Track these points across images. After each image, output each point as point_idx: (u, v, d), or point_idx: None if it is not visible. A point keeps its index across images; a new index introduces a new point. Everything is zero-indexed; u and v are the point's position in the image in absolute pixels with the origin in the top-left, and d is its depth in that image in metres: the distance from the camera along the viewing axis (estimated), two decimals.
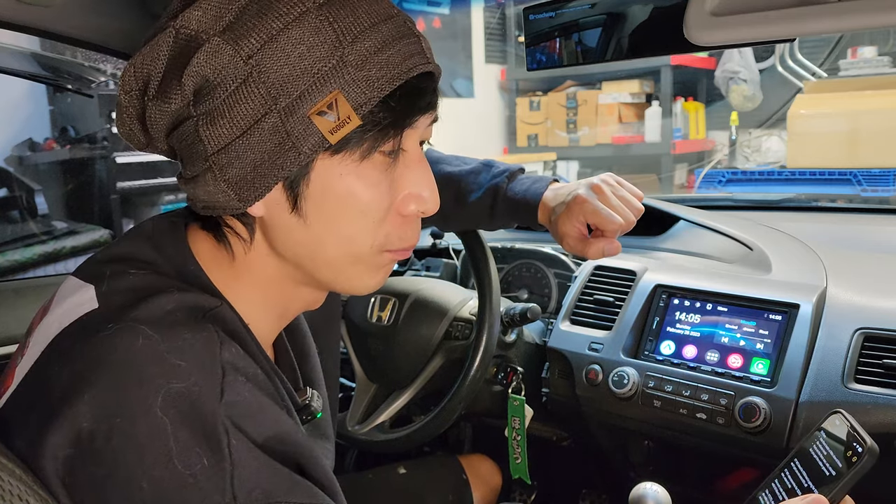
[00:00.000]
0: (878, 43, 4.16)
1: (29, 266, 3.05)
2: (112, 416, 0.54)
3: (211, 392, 0.56)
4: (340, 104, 0.60)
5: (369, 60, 0.61)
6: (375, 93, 0.61)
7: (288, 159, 0.61)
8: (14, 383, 0.62)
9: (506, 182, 1.07)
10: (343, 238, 0.65)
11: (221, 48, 0.60)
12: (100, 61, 3.00)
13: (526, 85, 5.81)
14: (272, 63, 0.59)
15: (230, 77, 0.60)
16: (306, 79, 0.60)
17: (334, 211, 0.64)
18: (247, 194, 0.63)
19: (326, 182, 0.63)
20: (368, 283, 0.70)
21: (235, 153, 0.61)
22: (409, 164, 0.67)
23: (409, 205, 0.67)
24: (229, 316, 0.64)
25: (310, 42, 0.60)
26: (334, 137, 0.60)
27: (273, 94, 0.60)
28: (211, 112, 0.61)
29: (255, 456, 0.57)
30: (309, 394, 0.78)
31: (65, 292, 0.66)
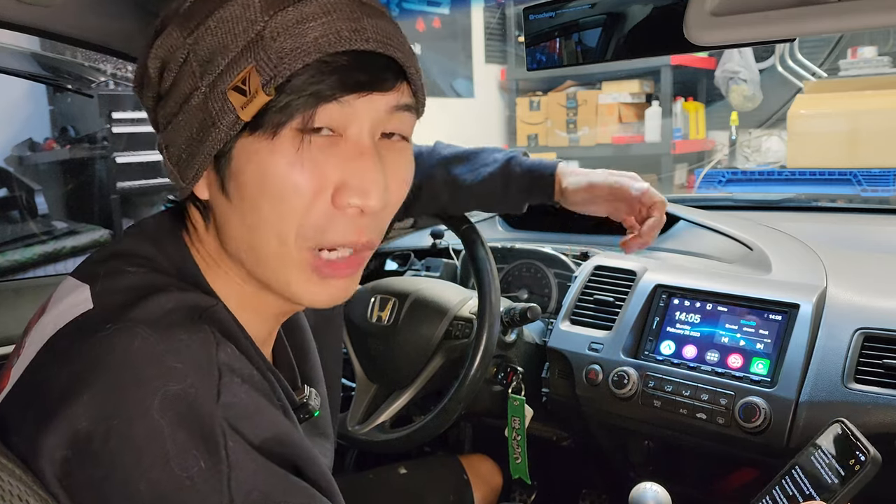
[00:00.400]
0: (878, 43, 4.16)
1: (29, 266, 3.05)
2: (109, 418, 0.54)
3: (208, 394, 0.56)
4: (252, 79, 0.58)
5: (285, 33, 0.58)
6: (285, 66, 0.58)
7: (210, 136, 0.61)
8: (10, 384, 0.62)
9: (520, 156, 1.17)
10: (267, 224, 0.62)
11: (172, 31, 0.62)
12: (100, 61, 3.00)
13: (526, 85, 5.81)
14: (203, 39, 0.60)
15: (177, 57, 0.62)
16: (227, 54, 0.59)
17: (252, 191, 0.61)
18: (185, 173, 0.63)
19: (244, 160, 0.61)
20: (315, 292, 0.65)
21: (175, 131, 0.63)
22: (349, 152, 0.61)
23: (344, 196, 0.61)
24: (224, 316, 0.64)
25: (237, 16, 0.59)
26: (245, 113, 0.59)
27: (202, 71, 0.60)
28: (164, 93, 0.64)
29: (253, 458, 0.57)
30: (307, 392, 0.78)
31: (61, 293, 0.66)
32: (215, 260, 0.68)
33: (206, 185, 0.64)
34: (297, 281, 0.64)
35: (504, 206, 1.18)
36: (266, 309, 0.71)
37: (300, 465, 0.62)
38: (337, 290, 0.66)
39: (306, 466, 0.63)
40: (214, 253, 0.68)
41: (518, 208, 1.18)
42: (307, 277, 0.64)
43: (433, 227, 1.66)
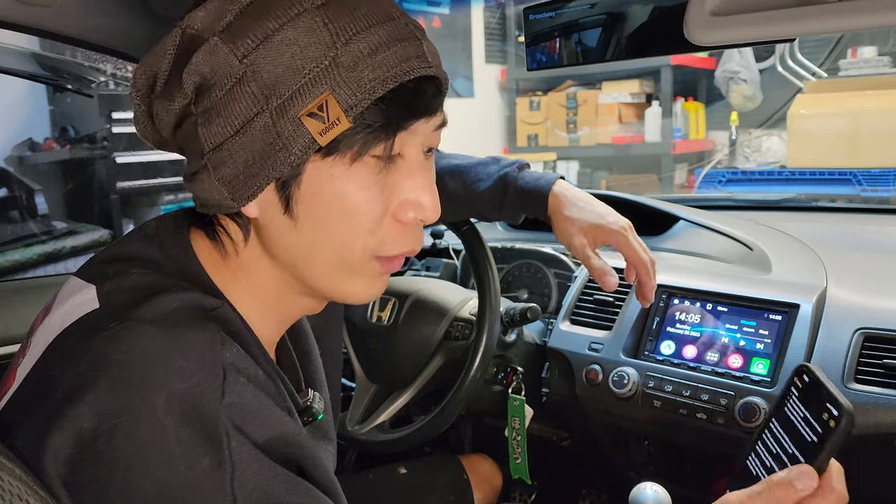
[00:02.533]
0: (878, 43, 4.16)
1: (29, 266, 3.05)
2: (114, 417, 0.54)
3: (212, 393, 0.56)
4: (331, 106, 0.59)
5: (362, 62, 0.60)
6: (366, 95, 0.60)
7: (278, 160, 0.61)
8: (15, 383, 0.62)
9: (516, 172, 1.11)
10: (334, 242, 0.64)
11: (219, 47, 0.60)
12: (100, 61, 3.00)
13: (526, 85, 5.81)
14: (266, 63, 0.59)
15: (226, 76, 0.60)
16: (298, 79, 0.59)
17: (325, 213, 0.63)
18: (240, 193, 0.63)
19: (317, 184, 0.62)
20: (362, 292, 0.69)
21: (229, 152, 0.61)
22: (408, 170, 0.65)
23: (406, 211, 0.65)
24: (231, 316, 0.64)
25: (304, 42, 0.59)
26: (324, 139, 0.60)
27: (266, 94, 0.60)
28: (208, 110, 0.61)
29: (256, 457, 0.57)
30: (311, 395, 0.78)
31: (66, 293, 0.66)
32: (245, 269, 0.68)
33: (260, 205, 0.64)
34: (353, 284, 0.68)
35: (498, 218, 1.16)
36: (289, 312, 0.72)
37: (304, 465, 0.63)
38: (380, 289, 0.70)
39: (310, 467, 0.63)
40: (248, 262, 0.68)
41: (514, 220, 1.16)
42: (363, 282, 0.68)
43: (433, 227, 1.66)
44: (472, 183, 1.13)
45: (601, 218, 1.05)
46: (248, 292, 0.68)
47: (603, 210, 1.06)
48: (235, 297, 0.67)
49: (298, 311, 0.73)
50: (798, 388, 0.69)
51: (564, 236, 1.06)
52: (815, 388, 0.66)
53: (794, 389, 0.69)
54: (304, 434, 0.65)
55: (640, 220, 1.19)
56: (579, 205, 1.06)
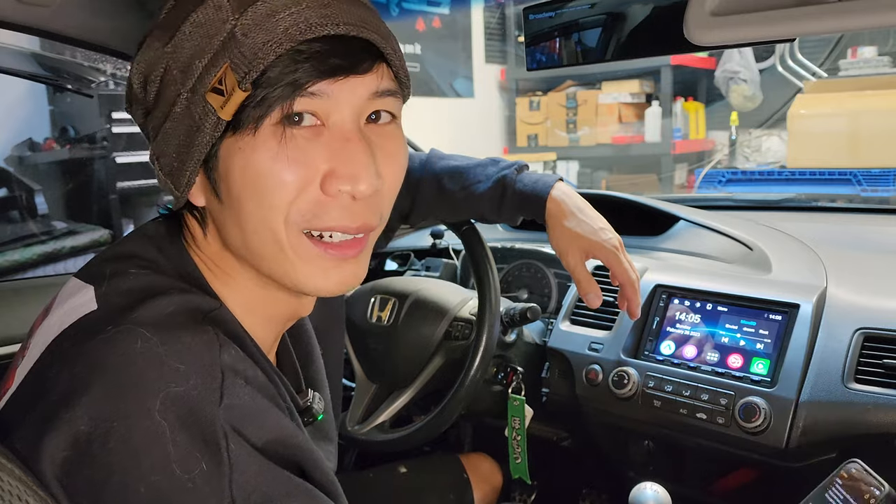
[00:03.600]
0: (878, 43, 4.16)
1: (29, 266, 3.04)
2: (110, 420, 0.54)
3: (210, 396, 0.56)
4: (227, 77, 0.58)
5: (256, 28, 0.58)
6: (258, 61, 0.57)
7: (196, 141, 0.60)
8: (14, 384, 0.62)
9: (514, 174, 1.11)
10: (257, 219, 0.61)
11: (151, 41, 0.62)
12: (100, 61, 3.00)
13: (526, 85, 5.81)
14: (183, 46, 0.60)
15: (157, 67, 0.62)
16: (204, 57, 0.59)
17: (242, 190, 0.61)
18: (178, 181, 0.63)
19: (230, 160, 0.61)
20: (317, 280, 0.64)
21: (164, 142, 0.63)
22: (330, 139, 0.61)
23: (331, 184, 0.61)
24: (229, 318, 0.64)
25: (209, 19, 0.59)
26: (224, 112, 0.59)
27: (182, 78, 0.60)
28: (150, 104, 0.63)
29: (255, 460, 0.57)
30: (311, 396, 0.78)
31: (66, 294, 0.66)
32: (218, 265, 0.68)
33: (201, 191, 0.64)
34: (301, 267, 0.64)
35: (497, 220, 1.16)
36: (273, 312, 0.71)
37: (304, 466, 0.62)
38: (345, 275, 0.65)
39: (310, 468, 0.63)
40: (216, 258, 0.68)
41: (512, 222, 1.16)
42: (309, 261, 0.64)
43: (433, 227, 1.66)
44: (470, 185, 1.13)
45: (595, 234, 1.05)
46: (234, 292, 0.68)
47: (598, 224, 1.07)
48: (227, 298, 0.67)
49: (285, 310, 0.71)
50: (845, 477, 0.71)
51: (559, 247, 1.08)
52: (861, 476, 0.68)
53: (841, 478, 0.71)
54: (303, 436, 0.64)
55: (640, 220, 1.19)
56: (577, 215, 1.07)
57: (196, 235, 0.68)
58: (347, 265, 0.65)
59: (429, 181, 1.16)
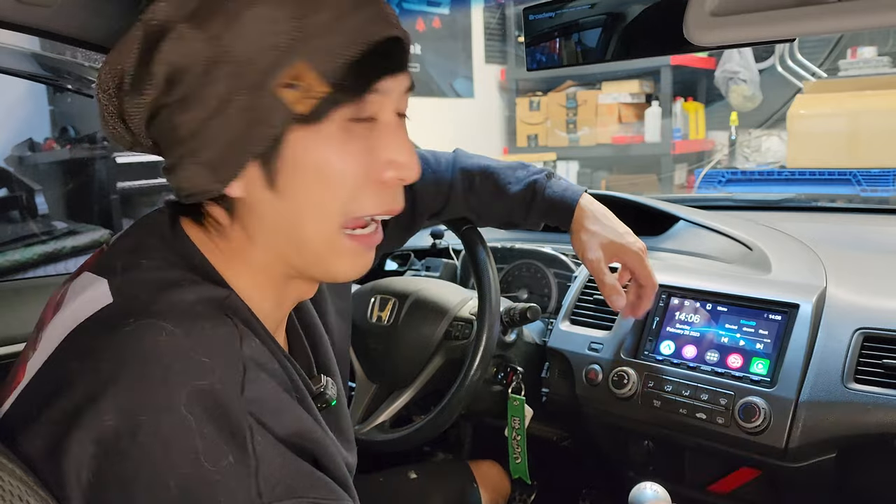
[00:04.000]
0: (878, 43, 4.16)
1: (29, 266, 3.04)
2: (137, 414, 0.54)
3: (234, 389, 0.57)
4: (306, 74, 0.60)
5: (330, 29, 0.61)
6: (338, 60, 0.61)
7: (259, 134, 0.61)
8: (25, 379, 0.62)
9: (545, 179, 1.15)
10: (319, 209, 0.65)
11: (187, 33, 0.60)
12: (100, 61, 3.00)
13: (526, 85, 5.81)
14: (237, 42, 0.60)
15: (198, 60, 0.61)
16: (270, 53, 0.60)
17: (308, 181, 0.64)
18: (223, 174, 0.63)
19: (299, 153, 0.63)
20: (348, 267, 0.69)
21: (209, 135, 0.62)
22: (385, 131, 0.67)
23: (386, 171, 0.67)
24: (240, 304, 0.65)
25: (271, 17, 0.60)
26: (302, 108, 0.61)
27: (240, 73, 0.60)
28: (183, 98, 0.62)
29: (279, 451, 0.58)
30: (324, 381, 0.77)
31: (77, 287, 0.66)
32: (237, 253, 0.68)
33: (243, 184, 0.64)
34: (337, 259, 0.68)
35: (521, 224, 1.18)
36: (284, 297, 0.72)
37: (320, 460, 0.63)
38: (367, 261, 0.71)
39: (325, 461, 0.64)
40: (238, 246, 0.68)
41: (535, 227, 1.18)
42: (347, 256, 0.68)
43: (433, 227, 1.66)
44: (502, 185, 1.15)
45: (621, 237, 1.11)
46: (244, 278, 0.68)
47: (623, 229, 1.12)
48: (237, 283, 0.67)
49: (293, 294, 0.74)
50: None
51: (582, 248, 1.12)
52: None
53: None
54: (320, 430, 0.65)
55: (639, 220, 1.19)
56: (602, 221, 1.12)
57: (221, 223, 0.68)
58: (370, 252, 0.71)
59: (461, 179, 1.17)
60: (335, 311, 0.92)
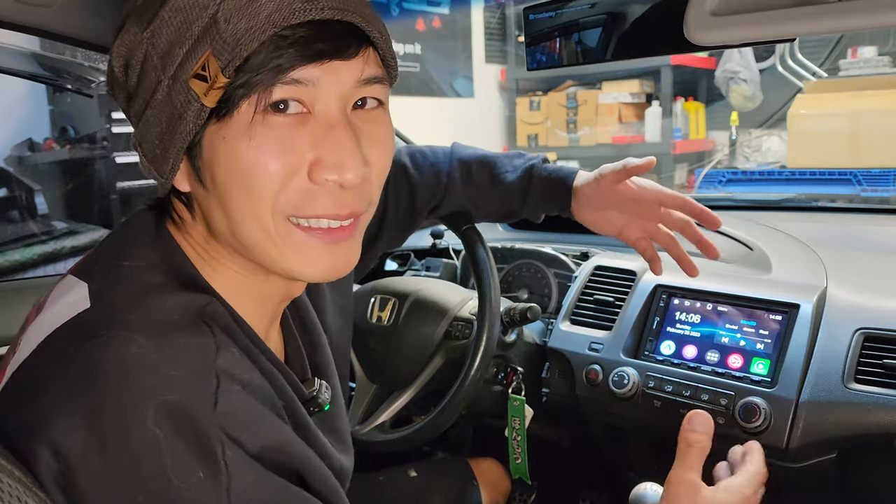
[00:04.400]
0: (878, 43, 4.15)
1: (29, 266, 3.04)
2: (105, 429, 0.53)
3: (205, 403, 0.55)
4: (210, 64, 0.57)
5: (238, 14, 0.57)
6: (241, 48, 0.56)
7: (178, 129, 0.60)
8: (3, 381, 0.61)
9: (540, 164, 1.13)
10: (243, 208, 0.61)
11: (129, 26, 0.61)
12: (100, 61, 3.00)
13: (526, 85, 5.81)
14: (162, 32, 0.59)
15: (137, 53, 0.61)
16: (185, 43, 0.58)
17: (228, 178, 0.60)
18: (161, 168, 0.62)
19: (214, 148, 0.60)
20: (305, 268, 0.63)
21: (146, 128, 0.62)
22: (316, 127, 0.60)
23: (318, 172, 0.60)
24: (220, 311, 0.63)
25: (190, 3, 0.58)
26: (209, 100, 0.58)
27: (162, 64, 0.59)
28: (131, 90, 0.62)
29: (252, 467, 0.56)
30: (317, 385, 0.75)
31: (60, 290, 0.65)
32: (206, 250, 0.67)
33: (185, 178, 0.64)
34: (289, 255, 0.63)
35: (521, 212, 1.16)
36: (266, 293, 0.69)
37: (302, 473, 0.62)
38: (335, 260, 0.64)
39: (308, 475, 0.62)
40: (204, 243, 0.67)
41: (535, 217, 1.16)
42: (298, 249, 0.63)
43: (433, 227, 1.66)
44: (499, 174, 1.14)
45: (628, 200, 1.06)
46: (224, 277, 0.67)
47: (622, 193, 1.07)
48: (217, 284, 0.66)
49: (277, 292, 0.70)
50: None
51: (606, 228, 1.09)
52: None
53: None
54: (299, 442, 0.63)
55: None
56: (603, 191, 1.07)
57: (185, 220, 0.67)
58: (338, 250, 0.64)
59: (458, 170, 1.16)
60: (336, 309, 0.91)
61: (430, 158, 1.16)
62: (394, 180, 1.14)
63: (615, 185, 1.06)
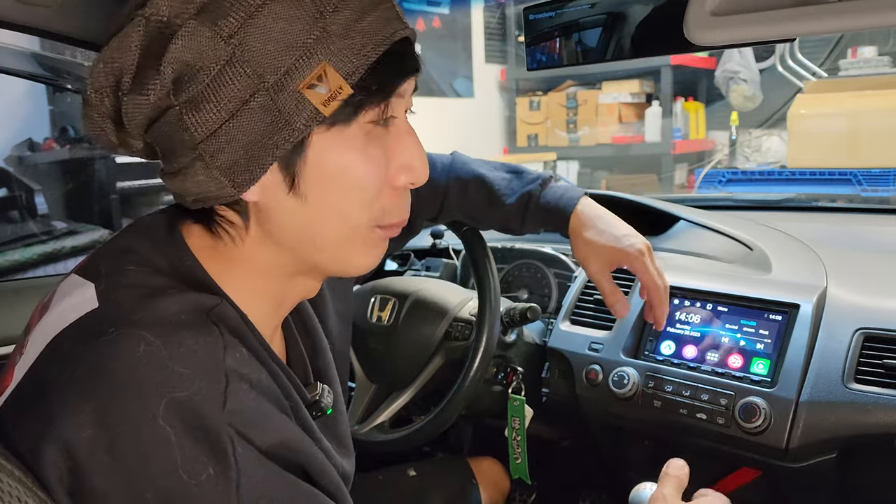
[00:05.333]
0: (878, 43, 4.15)
1: (29, 266, 3.04)
2: (114, 426, 0.53)
3: (214, 401, 0.56)
4: (330, 75, 0.59)
5: (352, 29, 0.60)
6: (363, 60, 0.60)
7: (282, 137, 0.60)
8: (13, 383, 0.61)
9: (539, 189, 1.12)
10: (341, 213, 0.64)
11: (199, 30, 0.58)
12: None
13: (526, 85, 5.81)
14: (254, 40, 0.58)
15: (212, 59, 0.58)
16: (292, 53, 0.58)
17: (332, 186, 0.63)
18: (241, 179, 0.61)
19: (323, 157, 0.62)
20: (364, 262, 0.69)
21: (226, 137, 0.59)
22: (400, 134, 0.66)
23: (399, 176, 0.66)
24: (230, 313, 0.63)
25: (290, 16, 0.58)
26: (328, 109, 0.59)
27: (259, 72, 0.58)
28: (195, 98, 0.59)
29: (261, 464, 0.56)
30: (319, 389, 0.76)
31: (65, 290, 0.65)
32: (242, 256, 0.66)
33: (261, 188, 0.62)
34: (356, 255, 0.67)
35: (521, 232, 1.17)
36: (284, 297, 0.70)
37: (309, 471, 0.62)
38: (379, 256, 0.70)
39: (315, 473, 0.62)
40: (246, 249, 0.66)
41: (535, 233, 1.17)
42: (365, 252, 0.68)
43: (433, 227, 1.66)
44: (496, 197, 1.13)
45: (618, 241, 1.06)
46: (244, 281, 0.66)
47: (621, 231, 1.08)
48: (231, 287, 0.66)
49: (296, 294, 0.72)
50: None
51: (582, 259, 1.09)
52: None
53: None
54: (308, 440, 0.64)
55: (640, 220, 1.19)
56: (599, 226, 1.08)
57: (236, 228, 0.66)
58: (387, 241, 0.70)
59: (455, 187, 1.16)
60: (336, 314, 0.91)
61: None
62: None
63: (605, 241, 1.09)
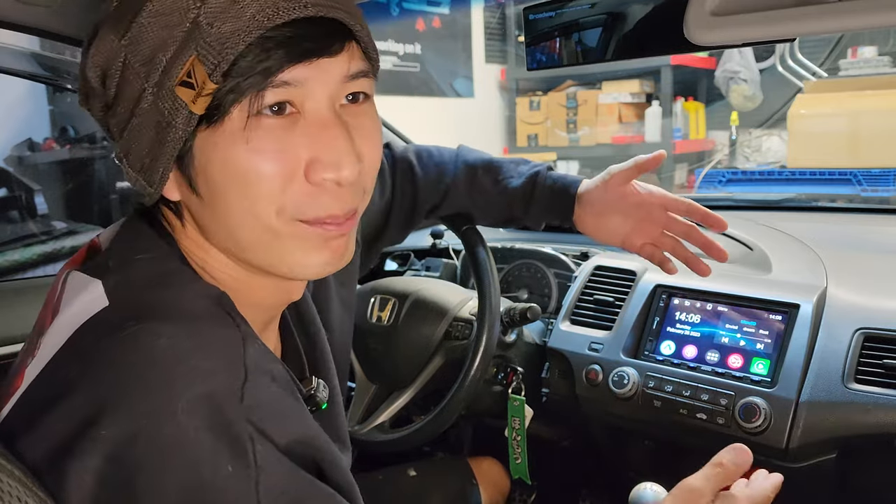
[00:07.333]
0: (878, 43, 4.15)
1: (29, 266, 3.04)
2: (137, 421, 0.53)
3: (233, 395, 0.55)
4: (197, 70, 0.55)
5: (221, 16, 0.55)
6: (228, 51, 0.55)
7: (168, 138, 0.58)
8: (24, 385, 0.61)
9: (545, 171, 1.14)
10: (245, 211, 0.60)
11: (105, 34, 0.59)
12: None
13: (526, 85, 5.80)
14: (141, 39, 0.57)
15: (115, 61, 0.59)
16: (167, 49, 0.57)
17: (224, 185, 0.59)
18: (152, 178, 0.61)
19: (207, 155, 0.59)
20: (310, 261, 0.63)
21: (132, 139, 0.60)
22: (308, 127, 0.59)
23: (315, 172, 0.59)
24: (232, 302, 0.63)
25: (169, 7, 0.56)
26: (197, 107, 0.56)
27: (146, 72, 0.58)
28: (111, 99, 0.60)
29: (281, 461, 0.56)
30: (315, 383, 0.75)
31: (72, 290, 0.64)
32: (200, 256, 0.66)
33: (175, 186, 0.62)
34: (292, 254, 0.62)
35: (525, 221, 1.17)
36: (257, 298, 0.69)
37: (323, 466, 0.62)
38: (331, 255, 0.64)
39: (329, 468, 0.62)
40: (197, 249, 0.66)
41: (537, 226, 1.17)
42: (302, 250, 0.62)
43: (433, 227, 1.66)
44: (504, 179, 1.15)
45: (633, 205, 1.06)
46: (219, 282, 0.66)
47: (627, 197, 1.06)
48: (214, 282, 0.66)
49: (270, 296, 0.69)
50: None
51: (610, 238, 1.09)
52: None
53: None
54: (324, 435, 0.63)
55: None
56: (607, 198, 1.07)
57: (175, 227, 0.66)
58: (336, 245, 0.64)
59: (463, 172, 1.17)
60: (339, 301, 0.90)
61: (435, 158, 1.17)
62: (400, 178, 1.16)
63: (623, 185, 1.06)
